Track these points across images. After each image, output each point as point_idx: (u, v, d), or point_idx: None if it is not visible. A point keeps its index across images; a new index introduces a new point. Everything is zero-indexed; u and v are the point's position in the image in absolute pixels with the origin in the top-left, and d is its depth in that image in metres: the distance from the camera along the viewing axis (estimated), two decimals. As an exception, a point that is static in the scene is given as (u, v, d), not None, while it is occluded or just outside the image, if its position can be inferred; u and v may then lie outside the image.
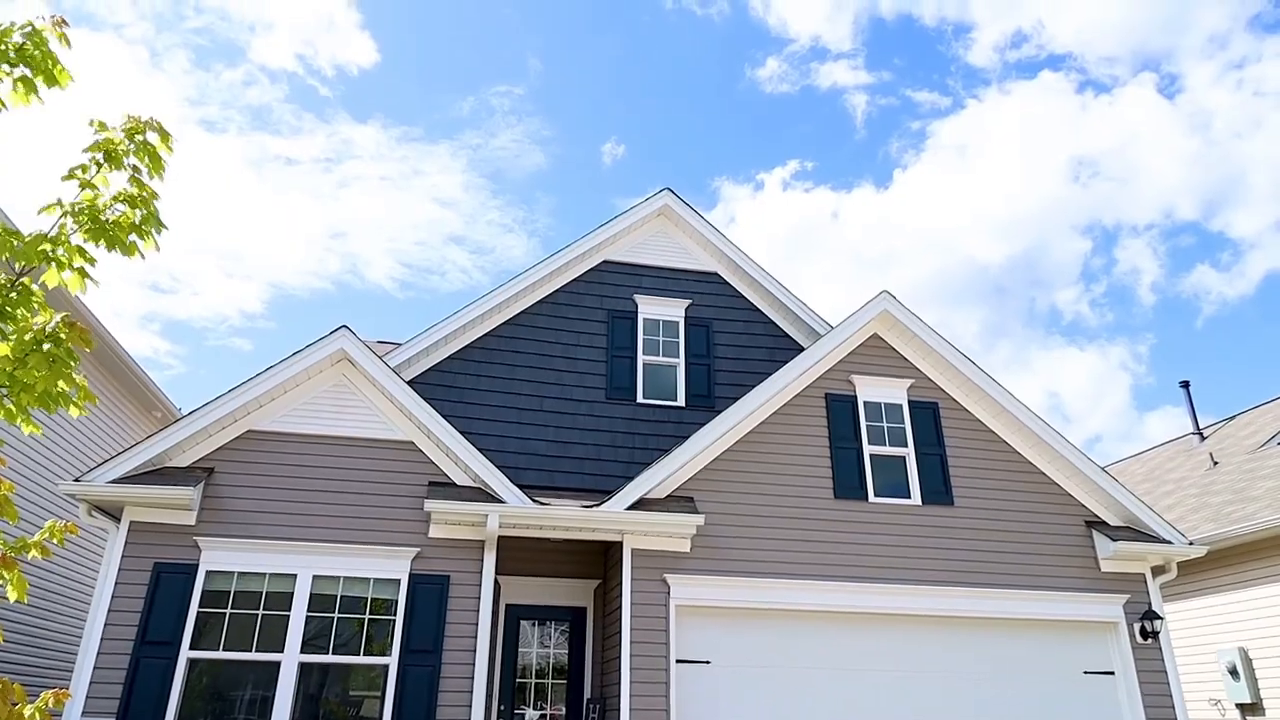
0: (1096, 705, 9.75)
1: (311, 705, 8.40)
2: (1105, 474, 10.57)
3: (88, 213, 3.53)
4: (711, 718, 8.92)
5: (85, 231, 3.53)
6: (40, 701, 3.42)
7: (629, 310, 12.21)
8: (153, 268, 46.49)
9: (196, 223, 46.01)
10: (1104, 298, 52.06)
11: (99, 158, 3.62)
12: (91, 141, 3.64)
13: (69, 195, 3.60)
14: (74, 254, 3.53)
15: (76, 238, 3.56)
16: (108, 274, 42.82)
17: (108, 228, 3.57)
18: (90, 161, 3.62)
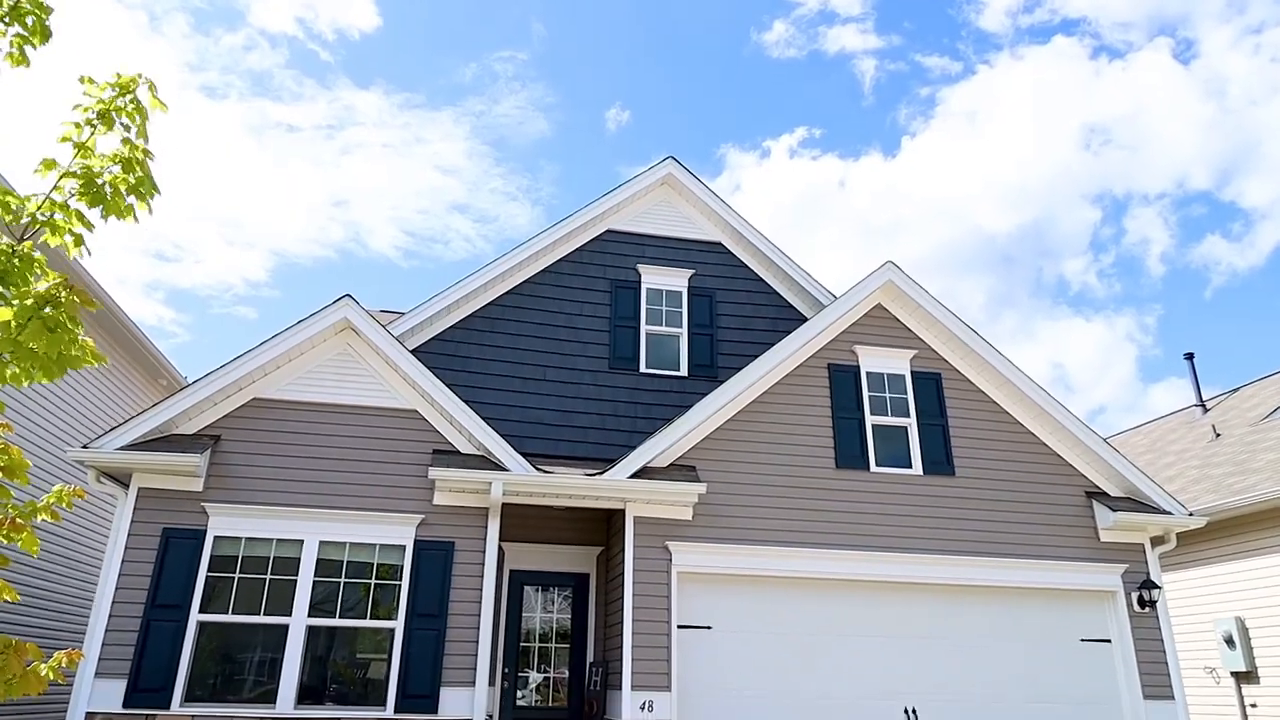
0: (1093, 672, 9.88)
1: (320, 667, 8.55)
2: (1107, 445, 10.62)
3: (82, 175, 3.51)
4: (713, 681, 9.06)
5: (81, 195, 3.52)
6: (54, 661, 3.50)
7: (632, 280, 12.20)
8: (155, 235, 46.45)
9: (198, 190, 45.91)
10: (1112, 268, 51.83)
11: (91, 118, 3.60)
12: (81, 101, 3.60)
13: (64, 159, 3.58)
14: (71, 217, 3.52)
15: (74, 201, 3.56)
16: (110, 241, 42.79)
17: (102, 190, 3.56)
18: (83, 122, 3.59)
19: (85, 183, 3.54)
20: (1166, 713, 9.65)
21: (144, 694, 7.96)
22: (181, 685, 8.06)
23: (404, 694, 8.38)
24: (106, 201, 3.58)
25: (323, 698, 8.42)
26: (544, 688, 10.32)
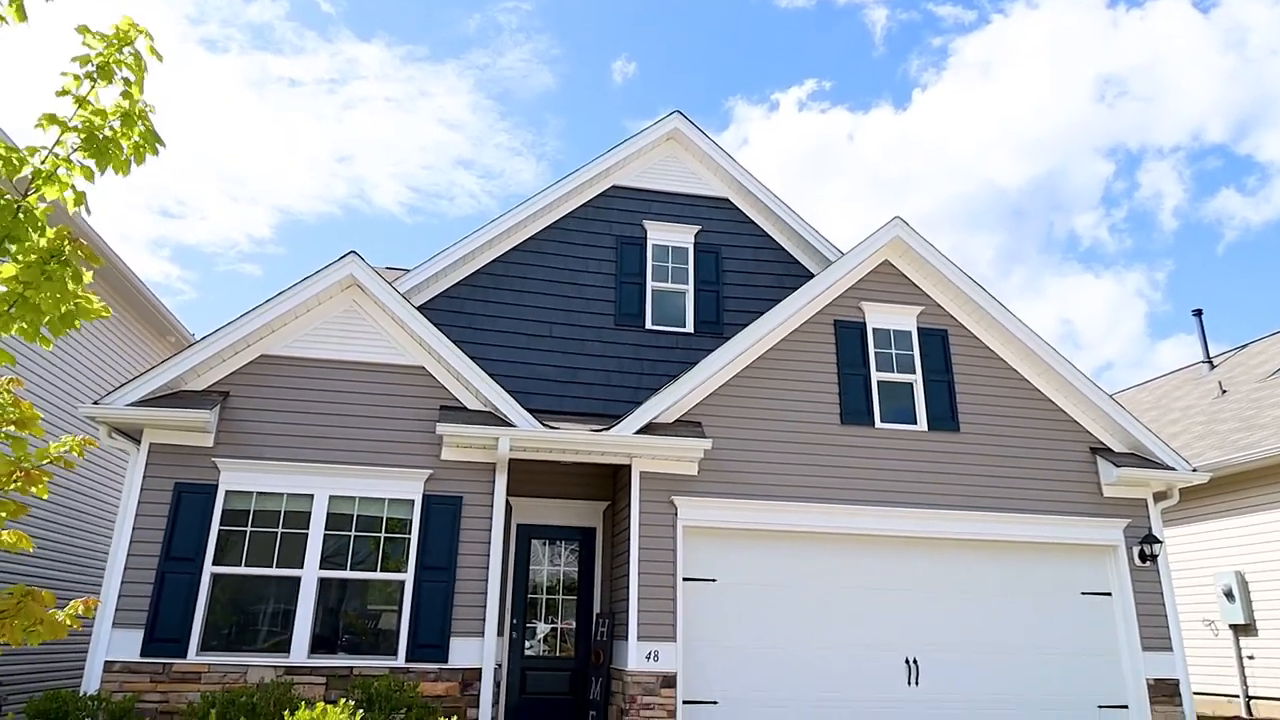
0: (1093, 624, 10.02)
1: (332, 618, 8.72)
2: (1112, 401, 10.63)
3: (84, 129, 3.48)
4: (717, 632, 9.22)
5: (83, 149, 3.49)
6: (71, 609, 3.57)
7: (638, 236, 12.15)
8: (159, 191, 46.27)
9: (200, 145, 45.59)
10: (1124, 223, 51.35)
11: (91, 70, 3.54)
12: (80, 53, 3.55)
13: (63, 111, 3.54)
14: (74, 171, 3.50)
15: (76, 156, 3.53)
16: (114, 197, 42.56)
17: (104, 145, 3.53)
18: (83, 75, 3.55)
19: (87, 137, 3.51)
20: (1165, 664, 9.80)
21: (160, 643, 8.14)
22: (197, 635, 8.24)
23: (414, 643, 8.56)
24: (108, 156, 3.55)
25: (335, 647, 8.60)
26: (551, 638, 10.52)
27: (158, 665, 8.09)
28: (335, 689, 8.17)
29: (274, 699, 7.44)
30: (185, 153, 44.66)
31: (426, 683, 8.39)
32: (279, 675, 8.19)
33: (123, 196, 44.20)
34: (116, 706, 7.31)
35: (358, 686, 7.98)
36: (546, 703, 10.11)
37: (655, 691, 8.66)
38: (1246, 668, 12.84)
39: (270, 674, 8.19)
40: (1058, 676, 9.74)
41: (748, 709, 9.04)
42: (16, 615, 3.31)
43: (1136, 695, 9.70)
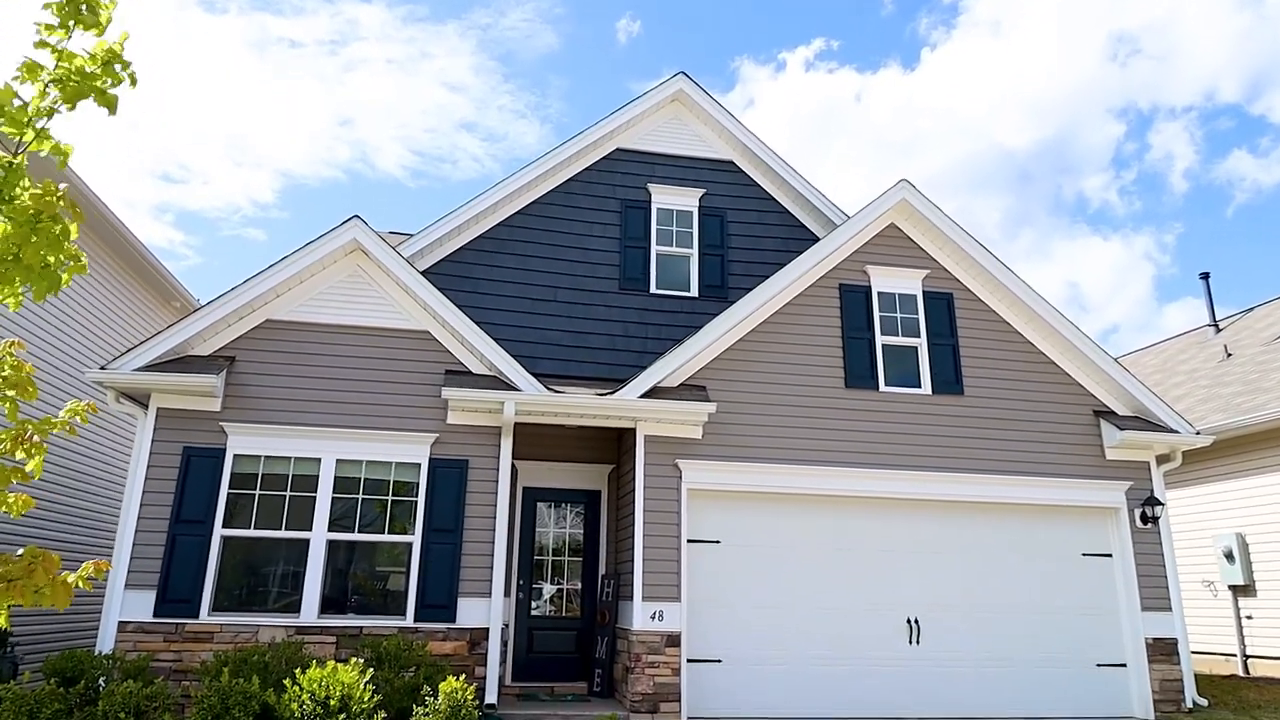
0: (1093, 585, 10.12)
1: (341, 579, 8.85)
2: (1116, 364, 10.63)
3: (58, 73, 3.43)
4: (721, 593, 9.34)
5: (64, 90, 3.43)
6: (83, 570, 3.61)
7: (642, 200, 12.09)
8: (161, 156, 45.99)
9: (201, 109, 45.23)
10: (1134, 185, 50.88)
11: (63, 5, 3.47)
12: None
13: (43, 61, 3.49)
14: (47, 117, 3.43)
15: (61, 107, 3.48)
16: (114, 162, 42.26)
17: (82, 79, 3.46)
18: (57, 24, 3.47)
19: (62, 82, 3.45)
20: (1163, 623, 9.91)
21: (173, 604, 8.27)
22: (208, 596, 8.37)
23: (422, 604, 8.68)
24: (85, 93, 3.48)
25: (344, 608, 8.73)
26: (557, 598, 10.66)
27: (170, 625, 8.23)
28: (345, 648, 8.32)
29: (285, 658, 7.58)
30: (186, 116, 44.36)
31: (435, 642, 8.53)
32: (290, 635, 8.32)
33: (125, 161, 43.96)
34: (131, 665, 7.45)
35: (367, 646, 8.12)
36: (553, 661, 10.28)
37: (660, 650, 8.79)
38: (1245, 628, 12.98)
39: (281, 634, 8.33)
40: (1057, 636, 9.87)
41: (751, 667, 9.18)
42: (26, 578, 3.35)
43: (1135, 654, 9.83)
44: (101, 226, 11.33)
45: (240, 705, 6.21)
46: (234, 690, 6.27)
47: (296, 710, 6.08)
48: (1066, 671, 9.77)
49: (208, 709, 6.14)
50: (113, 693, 6.11)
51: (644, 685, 8.68)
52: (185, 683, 7.81)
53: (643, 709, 8.61)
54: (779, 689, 9.13)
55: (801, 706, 9.06)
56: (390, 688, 7.34)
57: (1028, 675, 9.68)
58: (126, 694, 6.07)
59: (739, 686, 9.08)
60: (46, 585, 3.45)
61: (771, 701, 9.03)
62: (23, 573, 3.38)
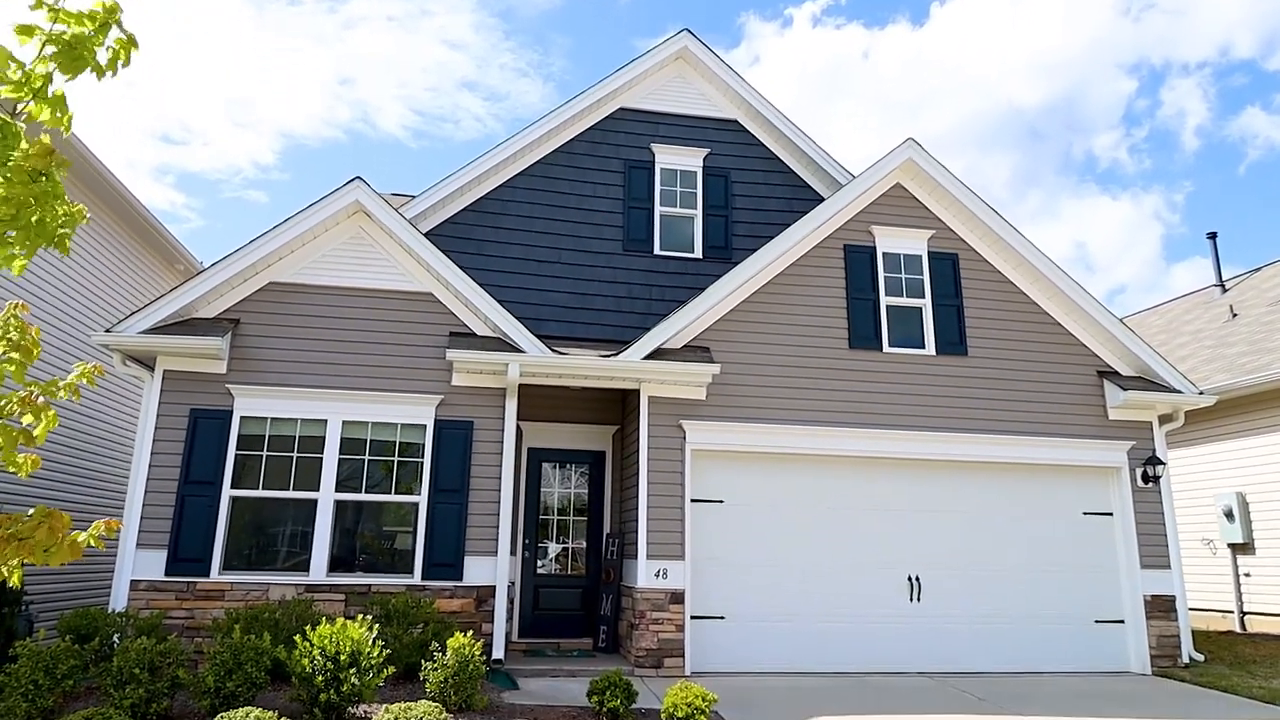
0: (1093, 543, 10.21)
1: (349, 539, 8.96)
2: (1121, 324, 10.61)
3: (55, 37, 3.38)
4: (724, 551, 9.45)
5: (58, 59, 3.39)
6: (93, 529, 3.66)
7: (646, 160, 11.99)
8: (160, 115, 45.63)
9: (200, 68, 44.74)
10: (1145, 143, 50.29)
11: None
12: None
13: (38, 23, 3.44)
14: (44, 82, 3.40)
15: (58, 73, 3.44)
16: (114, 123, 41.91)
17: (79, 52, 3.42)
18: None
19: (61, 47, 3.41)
20: (1162, 581, 10.01)
21: (184, 563, 8.40)
22: (219, 555, 8.49)
23: (430, 562, 8.81)
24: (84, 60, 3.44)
25: (353, 566, 8.86)
26: (563, 557, 10.80)
27: (182, 584, 8.37)
28: (354, 605, 8.45)
29: (296, 615, 7.70)
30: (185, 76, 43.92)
31: (442, 599, 8.67)
32: (299, 593, 8.46)
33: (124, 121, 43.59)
34: (144, 622, 7.58)
35: (376, 603, 8.25)
36: (559, 619, 10.44)
37: (664, 607, 8.92)
38: (1243, 585, 13.11)
39: (291, 592, 8.47)
40: (1056, 593, 9.98)
41: (753, 624, 9.32)
42: (36, 536, 3.40)
43: (1133, 611, 9.95)
44: (103, 189, 11.29)
45: (252, 661, 6.32)
46: (246, 646, 6.38)
47: (307, 665, 6.20)
48: (1066, 628, 9.90)
49: (221, 664, 6.26)
50: (127, 649, 6.23)
51: (648, 641, 8.82)
52: (198, 639, 7.96)
53: (647, 664, 8.77)
54: (781, 645, 9.27)
55: (803, 662, 9.21)
56: (399, 644, 7.47)
57: (1027, 631, 9.82)
58: (141, 650, 6.18)
59: (742, 643, 9.22)
60: (56, 543, 3.50)
61: (774, 657, 9.18)
62: (33, 531, 3.42)
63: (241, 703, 6.16)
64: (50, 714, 6.24)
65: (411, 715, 5.52)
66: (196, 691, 6.31)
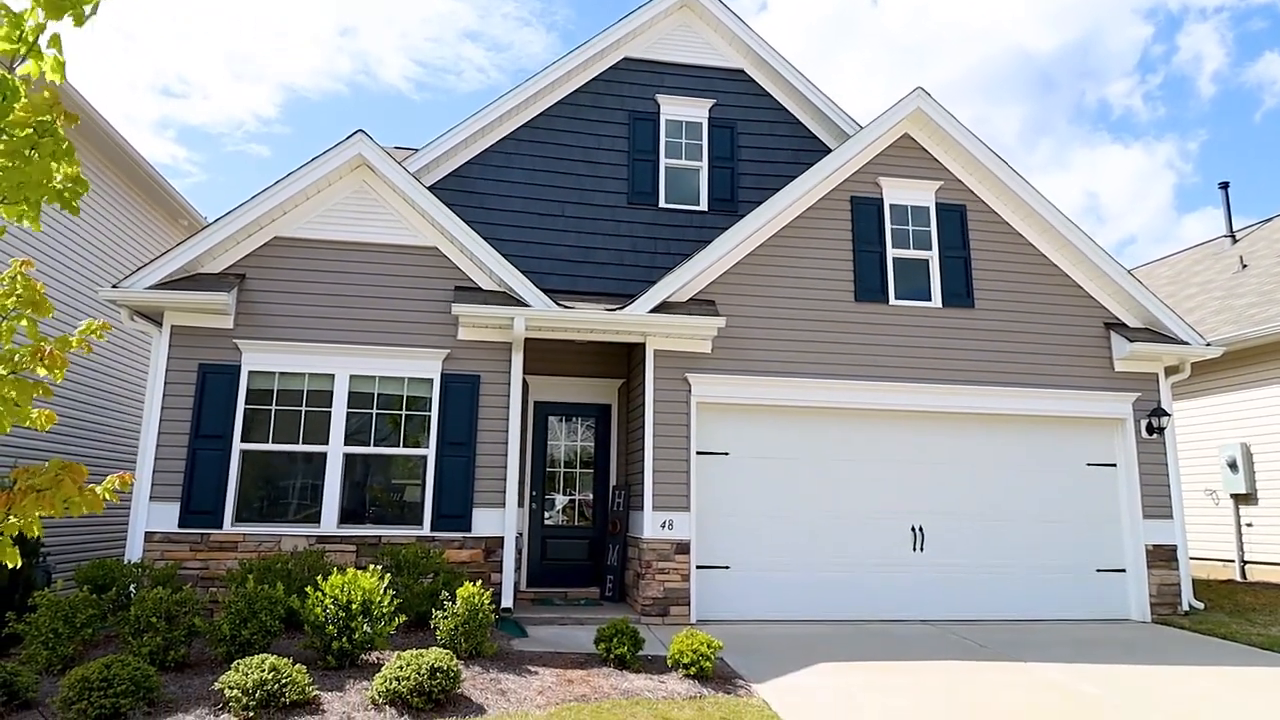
0: (1096, 494, 10.29)
1: (358, 491, 9.08)
2: (1129, 275, 10.55)
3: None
4: (729, 503, 9.55)
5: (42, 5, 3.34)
6: (107, 483, 3.72)
7: (650, 111, 11.85)
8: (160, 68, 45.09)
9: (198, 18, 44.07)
10: (1159, 90, 49.43)
11: None
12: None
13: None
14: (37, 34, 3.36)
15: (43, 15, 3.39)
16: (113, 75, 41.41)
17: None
18: None
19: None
20: (1164, 530, 10.10)
21: (196, 515, 8.53)
22: (231, 507, 8.61)
23: (438, 514, 8.93)
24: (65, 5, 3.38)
25: (363, 518, 8.99)
26: (569, 509, 10.93)
27: (195, 535, 8.51)
28: (365, 556, 8.59)
29: (307, 565, 7.84)
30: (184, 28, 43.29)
31: (451, 550, 8.80)
32: (311, 544, 8.60)
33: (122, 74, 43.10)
34: (160, 573, 7.72)
35: (386, 554, 8.38)
36: (566, 569, 10.60)
37: (670, 557, 9.05)
38: (1244, 535, 13.22)
39: (303, 543, 8.61)
40: (1059, 543, 10.08)
41: (757, 573, 9.45)
42: (54, 488, 3.45)
43: (1134, 560, 10.05)
44: (104, 143, 11.22)
45: (266, 610, 6.46)
46: (260, 596, 6.51)
47: (320, 614, 6.32)
48: (1067, 577, 10.02)
49: (236, 613, 6.39)
50: (144, 598, 6.36)
51: (654, 590, 8.97)
52: (212, 589, 8.11)
53: (653, 612, 8.92)
54: (785, 594, 9.41)
55: (807, 610, 9.36)
56: (409, 593, 7.61)
57: (1029, 580, 9.94)
58: (157, 599, 6.31)
59: (747, 592, 9.37)
60: (74, 495, 3.56)
61: (778, 606, 9.32)
62: (50, 483, 3.47)
63: (257, 650, 6.31)
64: (70, 661, 6.40)
65: (423, 662, 5.64)
66: (213, 639, 6.45)
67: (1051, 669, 7.26)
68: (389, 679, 5.61)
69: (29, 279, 4.03)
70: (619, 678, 6.51)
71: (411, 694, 5.52)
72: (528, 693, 6.04)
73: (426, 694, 5.54)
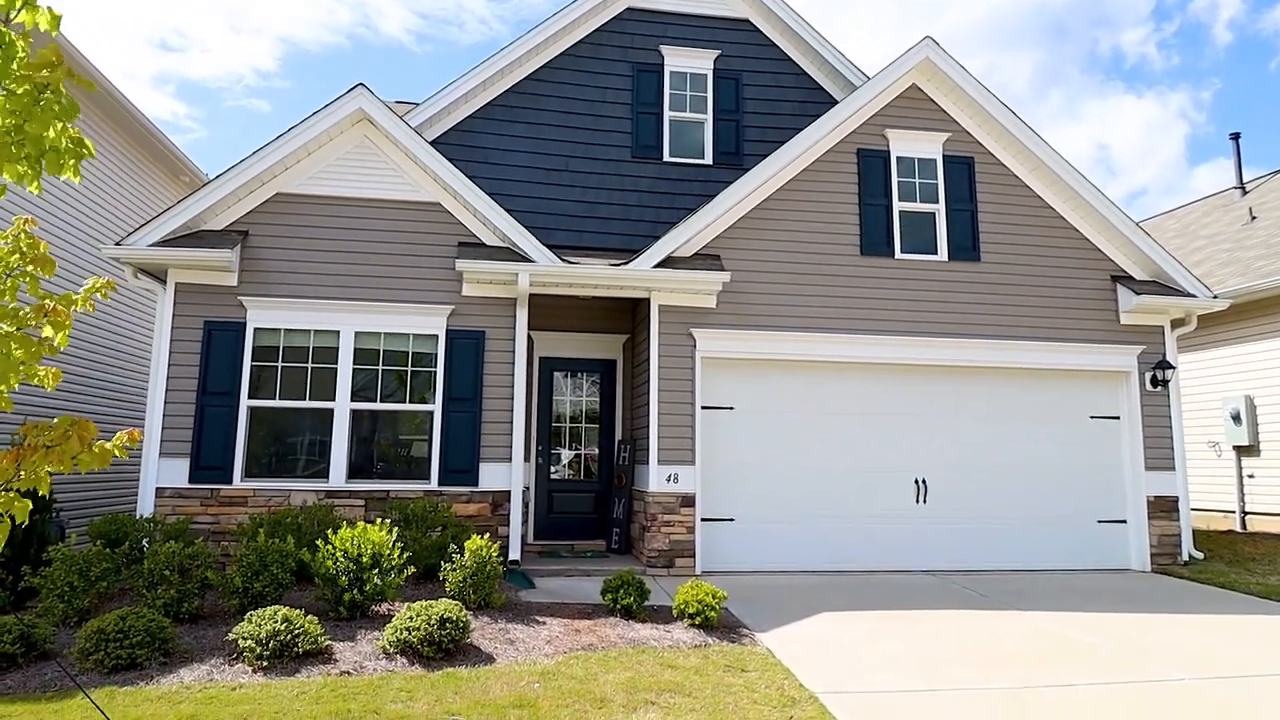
0: (1099, 446, 10.33)
1: (366, 446, 9.15)
2: (1136, 227, 10.46)
3: None
4: (734, 456, 9.61)
5: None
6: (116, 440, 3.76)
7: (654, 63, 11.67)
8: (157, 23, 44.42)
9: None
10: (1174, 38, 48.50)
11: None
12: None
13: None
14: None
15: None
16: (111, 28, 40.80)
17: None
18: None
19: None
20: (1166, 482, 10.16)
21: (206, 471, 8.62)
22: (240, 463, 8.70)
23: (445, 469, 9.01)
24: None
25: (371, 474, 9.08)
26: (575, 463, 11.02)
27: (206, 491, 8.61)
28: (373, 510, 8.70)
29: (317, 519, 7.94)
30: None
31: (459, 504, 8.90)
32: (320, 499, 8.70)
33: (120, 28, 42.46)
34: (172, 527, 7.83)
35: (394, 508, 8.48)
36: (572, 522, 10.73)
37: (675, 510, 9.14)
38: (1246, 486, 13.30)
39: (311, 498, 8.71)
40: (1061, 495, 10.16)
41: (762, 525, 9.55)
42: (63, 444, 3.49)
43: (1135, 511, 10.13)
44: (104, 100, 11.10)
45: (278, 563, 6.56)
46: (271, 549, 6.61)
47: (331, 566, 6.42)
48: (1068, 528, 10.12)
49: (248, 566, 6.49)
50: (156, 552, 6.46)
51: (660, 542, 9.07)
52: (223, 543, 8.23)
53: (659, 564, 9.04)
54: (789, 545, 9.52)
55: (810, 562, 9.47)
56: (418, 546, 7.71)
57: (1031, 531, 10.04)
58: (170, 553, 6.41)
59: (751, 543, 9.47)
60: (83, 451, 3.60)
61: (782, 557, 9.44)
62: (59, 439, 3.51)
63: (269, 602, 6.42)
64: (86, 614, 6.52)
65: (433, 613, 5.74)
66: (225, 592, 6.57)
67: (1049, 617, 7.37)
68: (399, 629, 5.71)
69: (32, 237, 4.03)
70: (625, 627, 6.63)
71: (422, 644, 5.63)
72: (536, 642, 6.16)
73: (436, 644, 5.65)
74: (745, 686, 5.32)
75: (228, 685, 5.15)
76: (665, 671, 5.57)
